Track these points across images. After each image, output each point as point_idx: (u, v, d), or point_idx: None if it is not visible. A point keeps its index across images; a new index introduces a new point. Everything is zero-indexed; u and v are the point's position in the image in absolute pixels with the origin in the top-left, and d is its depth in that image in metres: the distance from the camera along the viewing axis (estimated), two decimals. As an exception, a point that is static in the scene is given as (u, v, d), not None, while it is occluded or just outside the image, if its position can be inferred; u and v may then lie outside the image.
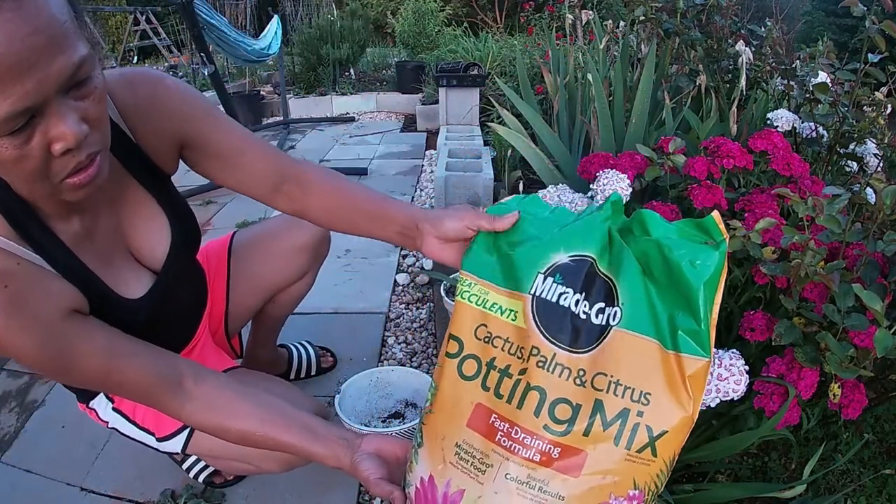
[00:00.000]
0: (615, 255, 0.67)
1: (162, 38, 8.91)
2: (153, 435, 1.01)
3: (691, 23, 1.75)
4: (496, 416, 0.64)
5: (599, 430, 0.61)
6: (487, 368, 0.66)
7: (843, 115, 1.35)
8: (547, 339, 0.65)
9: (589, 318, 0.65)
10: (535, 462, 0.61)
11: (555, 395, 0.63)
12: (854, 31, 7.98)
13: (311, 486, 1.22)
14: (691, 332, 0.62)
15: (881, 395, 1.07)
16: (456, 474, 0.65)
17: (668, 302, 0.64)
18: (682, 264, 0.63)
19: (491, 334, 0.67)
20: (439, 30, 5.86)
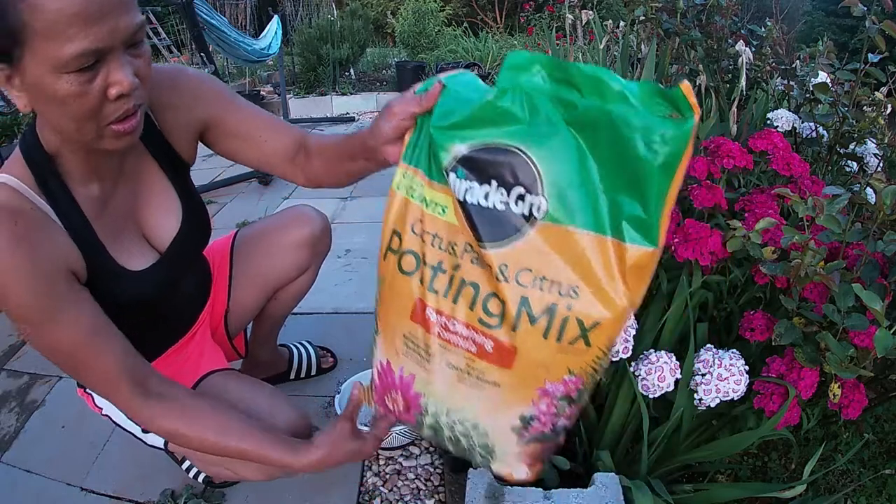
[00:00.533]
0: (539, 132, 0.57)
1: (162, 38, 8.91)
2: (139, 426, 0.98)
3: (691, 23, 1.75)
4: (433, 310, 0.65)
5: (527, 325, 0.60)
6: (423, 265, 0.65)
7: (843, 115, 1.35)
8: (472, 229, 0.61)
9: (508, 208, 0.59)
10: (471, 353, 0.64)
11: (487, 289, 0.62)
12: (854, 31, 7.98)
13: (311, 486, 1.22)
14: (637, 220, 0.55)
15: (881, 395, 1.07)
16: (406, 362, 0.70)
17: (612, 184, 0.56)
18: (637, 140, 0.54)
19: (425, 231, 0.65)
20: (439, 30, 5.86)
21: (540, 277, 0.59)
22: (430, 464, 1.28)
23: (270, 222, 1.26)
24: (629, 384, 1.00)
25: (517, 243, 0.59)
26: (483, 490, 0.85)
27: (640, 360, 0.95)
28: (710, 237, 1.00)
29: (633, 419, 1.03)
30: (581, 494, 0.84)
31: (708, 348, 0.96)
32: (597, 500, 0.83)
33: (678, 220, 1.08)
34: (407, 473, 1.26)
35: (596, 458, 0.97)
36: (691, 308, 1.01)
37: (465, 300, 0.63)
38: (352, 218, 2.61)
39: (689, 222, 1.03)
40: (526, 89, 0.58)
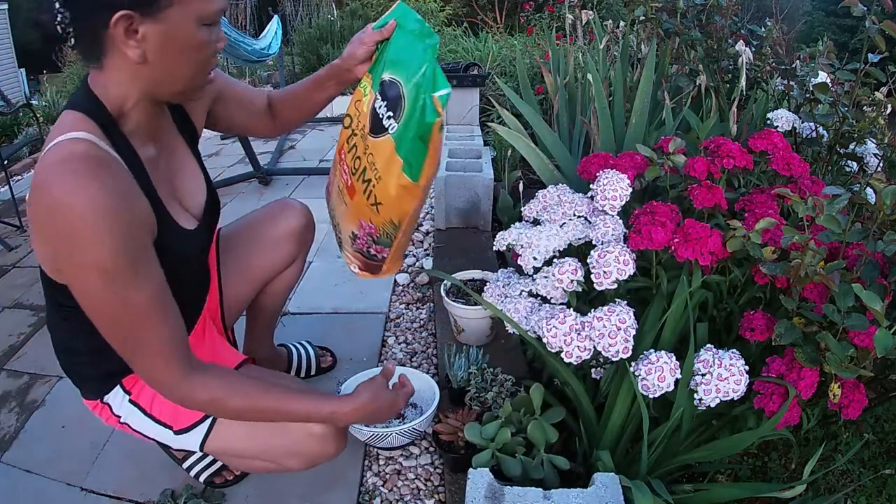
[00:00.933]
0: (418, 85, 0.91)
1: (162, 38, 8.90)
2: (170, 428, 1.00)
3: (691, 23, 1.75)
4: (343, 150, 1.07)
5: (359, 182, 1.01)
6: (351, 124, 1.04)
7: (843, 115, 1.35)
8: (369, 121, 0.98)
9: (381, 118, 0.95)
10: (343, 181, 1.07)
11: (357, 153, 1.01)
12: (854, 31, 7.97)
13: (311, 486, 1.22)
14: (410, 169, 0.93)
15: (881, 395, 1.07)
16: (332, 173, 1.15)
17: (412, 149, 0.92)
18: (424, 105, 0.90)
19: (357, 108, 1.02)
20: (439, 30, 5.86)
21: (373, 162, 0.97)
22: (430, 464, 1.28)
23: (255, 216, 1.28)
24: (629, 384, 1.00)
25: (375, 139, 0.96)
26: (483, 490, 0.85)
27: (640, 360, 0.95)
28: (710, 237, 1.00)
29: (633, 419, 1.03)
30: (581, 494, 0.84)
31: (708, 348, 0.96)
32: (597, 500, 0.83)
33: (678, 220, 1.08)
34: (407, 473, 1.26)
35: (596, 458, 0.97)
36: (691, 308, 1.01)
37: (352, 151, 1.03)
38: (352, 218, 2.61)
39: (689, 222, 1.03)
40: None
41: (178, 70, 0.80)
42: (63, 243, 0.72)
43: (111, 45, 0.75)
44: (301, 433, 0.98)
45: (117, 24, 0.72)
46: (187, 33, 0.76)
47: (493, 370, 1.28)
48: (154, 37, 0.75)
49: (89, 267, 0.72)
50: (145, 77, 0.79)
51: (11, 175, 3.86)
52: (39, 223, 0.75)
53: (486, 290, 1.25)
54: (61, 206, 0.70)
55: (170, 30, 0.75)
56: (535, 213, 1.29)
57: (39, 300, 2.14)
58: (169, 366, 0.81)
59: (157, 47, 0.76)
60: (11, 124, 4.66)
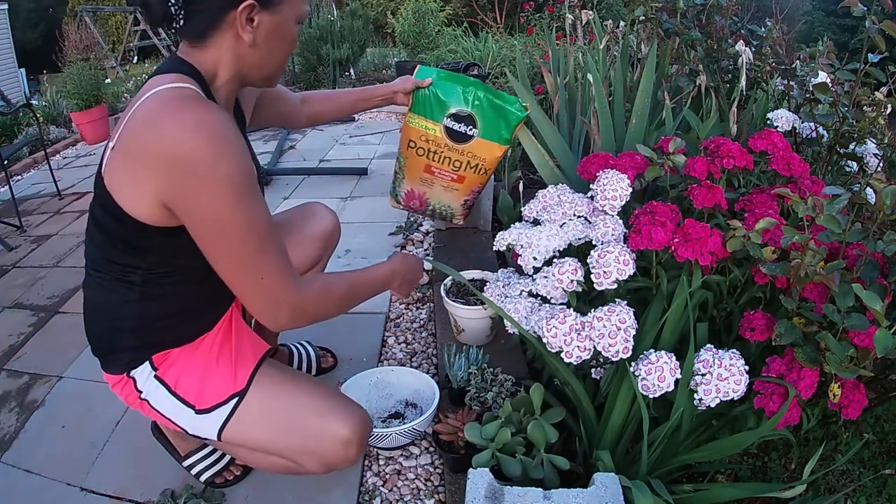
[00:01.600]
0: (476, 106, 1.48)
1: (162, 38, 8.90)
2: (192, 408, 1.00)
3: (691, 23, 1.75)
4: (434, 167, 1.58)
5: (468, 171, 1.57)
6: (428, 151, 1.55)
7: (843, 115, 1.35)
8: (448, 139, 1.51)
9: (465, 132, 1.50)
10: (450, 180, 1.60)
11: (455, 158, 1.55)
12: (854, 31, 7.98)
13: (310, 487, 1.22)
14: (503, 138, 1.52)
15: (881, 395, 1.07)
16: (421, 187, 1.64)
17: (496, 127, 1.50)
18: (508, 110, 1.49)
19: (427, 139, 1.53)
20: (439, 30, 5.86)
21: (474, 154, 1.54)
22: (430, 464, 1.28)
23: (285, 215, 1.32)
24: (629, 384, 1.00)
25: (465, 146, 1.52)
26: (483, 490, 0.85)
27: (640, 360, 0.95)
28: (710, 237, 1.00)
29: (633, 419, 1.03)
30: (581, 494, 0.84)
31: (708, 348, 0.96)
32: (597, 500, 0.83)
33: (678, 220, 1.08)
34: (407, 473, 1.26)
35: (596, 458, 0.97)
36: (691, 308, 1.01)
37: (446, 163, 1.56)
38: (352, 218, 2.61)
39: (689, 222, 1.03)
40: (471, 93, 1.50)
41: (273, 57, 0.93)
42: (191, 168, 0.77)
43: (226, 26, 0.86)
44: (326, 434, 0.99)
45: (243, 10, 0.84)
46: (289, 28, 0.92)
47: (493, 370, 1.28)
48: (265, 26, 0.88)
49: (222, 183, 0.78)
50: (246, 59, 0.91)
51: (11, 175, 3.86)
52: (159, 154, 0.78)
53: (486, 290, 1.25)
54: (198, 124, 0.77)
55: (278, 22, 0.89)
56: (535, 213, 1.29)
57: (39, 300, 2.14)
58: (287, 280, 0.89)
59: (265, 35, 0.89)
60: (11, 124, 4.66)
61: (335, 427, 0.99)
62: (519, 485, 0.87)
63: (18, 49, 10.14)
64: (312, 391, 1.05)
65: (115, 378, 1.03)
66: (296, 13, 0.92)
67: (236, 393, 1.00)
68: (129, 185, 0.84)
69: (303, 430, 1.00)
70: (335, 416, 1.00)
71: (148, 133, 0.79)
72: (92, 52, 7.15)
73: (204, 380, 1.00)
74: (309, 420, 1.00)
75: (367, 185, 3.08)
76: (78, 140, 4.69)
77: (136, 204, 0.84)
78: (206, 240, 0.84)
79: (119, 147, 0.84)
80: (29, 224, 2.98)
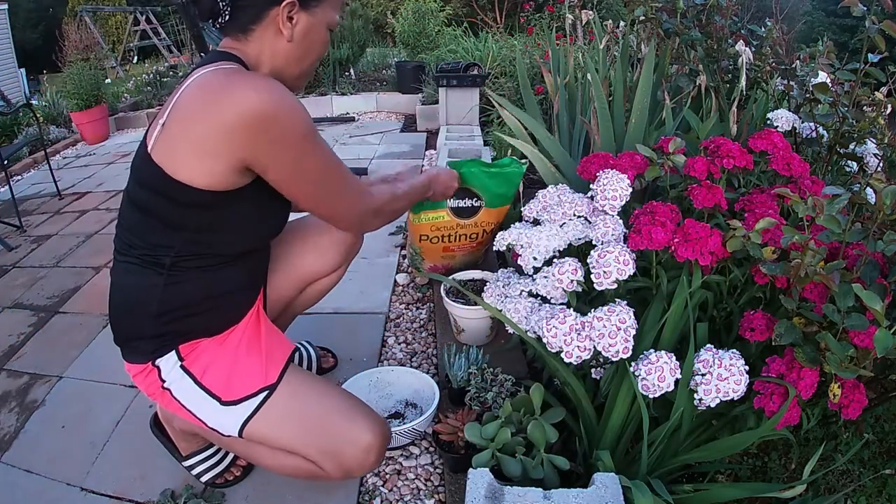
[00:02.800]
0: (476, 181, 1.51)
1: (162, 38, 8.91)
2: (218, 399, 0.99)
3: (691, 23, 1.75)
4: (452, 246, 1.65)
5: (485, 236, 1.64)
6: (441, 237, 1.61)
7: (843, 115, 1.35)
8: (457, 219, 1.57)
9: (472, 205, 1.56)
10: (470, 249, 1.67)
11: (468, 232, 1.60)
12: (854, 31, 7.96)
13: (310, 487, 1.22)
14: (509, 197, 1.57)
15: (881, 395, 1.07)
16: (443, 262, 1.72)
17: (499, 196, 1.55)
18: (507, 172, 1.52)
19: (439, 227, 1.59)
20: (439, 30, 5.85)
21: (487, 221, 1.60)
22: (430, 464, 1.28)
23: (308, 219, 1.30)
24: (629, 384, 1.00)
25: (475, 218, 1.58)
26: (483, 490, 0.85)
27: (640, 360, 0.95)
28: (710, 237, 1.00)
29: (633, 419, 1.03)
30: (581, 494, 0.84)
31: (708, 348, 0.96)
32: (597, 500, 0.83)
33: (678, 220, 1.08)
34: (407, 473, 1.26)
35: (596, 458, 0.97)
36: (691, 308, 1.01)
37: (463, 238, 1.62)
38: (352, 218, 2.61)
39: (689, 222, 1.03)
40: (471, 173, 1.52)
41: (306, 57, 1.00)
42: (274, 121, 0.85)
43: (268, 22, 0.94)
44: (350, 437, 1.00)
45: (286, 7, 0.93)
46: (321, 30, 1.00)
47: (493, 370, 1.28)
48: (302, 25, 0.96)
49: (300, 128, 0.89)
50: (283, 55, 0.98)
51: (11, 175, 3.86)
52: (235, 117, 0.84)
53: (486, 290, 1.25)
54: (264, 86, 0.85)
55: (313, 23, 0.98)
56: (535, 213, 1.29)
57: (39, 300, 2.14)
58: (364, 196, 1.06)
59: (301, 34, 0.97)
60: (11, 124, 4.66)
61: (361, 432, 1.00)
62: (519, 485, 0.87)
63: (18, 49, 10.15)
64: (341, 395, 1.07)
65: (137, 367, 1.02)
66: (328, 18, 1.00)
67: (267, 386, 1.01)
68: (195, 155, 0.87)
69: (329, 432, 1.00)
70: (362, 421, 1.01)
71: (215, 104, 0.85)
72: (92, 52, 7.14)
73: (232, 371, 1.01)
74: (337, 422, 1.01)
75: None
76: (78, 140, 4.70)
77: (206, 174, 0.88)
78: (295, 180, 0.94)
79: (175, 123, 0.88)
80: (29, 224, 2.98)
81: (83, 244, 2.65)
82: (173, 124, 0.88)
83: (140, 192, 0.94)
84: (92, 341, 1.83)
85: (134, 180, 0.95)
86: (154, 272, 0.95)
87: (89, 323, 1.94)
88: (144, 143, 0.93)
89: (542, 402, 1.06)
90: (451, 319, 1.54)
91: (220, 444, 1.18)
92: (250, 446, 1.09)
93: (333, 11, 1.01)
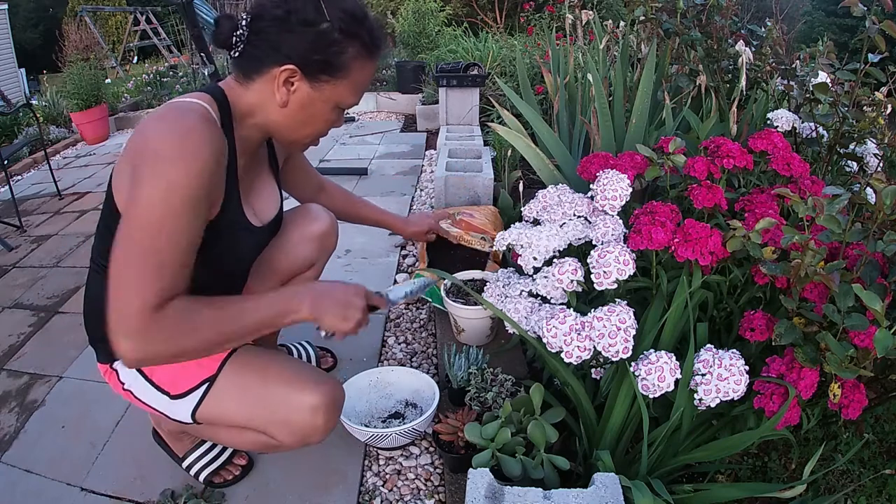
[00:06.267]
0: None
1: (162, 38, 8.90)
2: (167, 394, 1.03)
3: (691, 23, 1.75)
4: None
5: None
6: None
7: (843, 115, 1.35)
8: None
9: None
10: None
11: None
12: (854, 31, 7.97)
13: (311, 487, 1.22)
14: None
15: (881, 395, 1.07)
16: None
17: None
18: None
19: None
20: (439, 30, 5.85)
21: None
22: (430, 464, 1.28)
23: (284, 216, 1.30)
24: (629, 384, 1.00)
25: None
26: (483, 490, 0.85)
27: (640, 360, 0.95)
28: (710, 237, 1.00)
29: (633, 419, 1.03)
30: (581, 494, 0.84)
31: (708, 348, 0.96)
32: (597, 500, 0.83)
33: (678, 220, 1.08)
34: (407, 473, 1.26)
35: (596, 458, 0.97)
36: (691, 308, 1.01)
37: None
38: (352, 218, 2.61)
39: (689, 222, 1.03)
40: None
41: (301, 127, 0.95)
42: (150, 156, 0.79)
43: (268, 78, 0.89)
44: (293, 401, 0.99)
45: (284, 71, 0.87)
46: (325, 107, 0.93)
47: (493, 370, 1.28)
48: (301, 95, 0.90)
49: (165, 180, 0.77)
50: (275, 115, 0.93)
51: (11, 175, 3.86)
52: (133, 143, 0.83)
53: (486, 290, 1.25)
54: (177, 124, 0.80)
55: (315, 97, 0.91)
56: (535, 213, 1.29)
57: (39, 300, 2.14)
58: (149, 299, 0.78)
59: (299, 103, 0.91)
60: (11, 124, 4.65)
61: (302, 396, 0.98)
62: (519, 485, 0.87)
63: (18, 49, 10.14)
64: (283, 364, 1.04)
65: (103, 368, 1.08)
66: (338, 98, 0.92)
67: (207, 378, 1.02)
68: (118, 176, 0.89)
69: (271, 400, 1.00)
70: (303, 384, 1.00)
71: (137, 129, 0.84)
72: (92, 52, 7.14)
73: (175, 367, 1.02)
74: (277, 389, 1.00)
75: (367, 185, 3.08)
76: (78, 140, 4.69)
77: (120, 196, 0.88)
78: (122, 225, 0.80)
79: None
80: (29, 224, 2.98)
81: (83, 244, 2.65)
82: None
83: (105, 208, 0.95)
84: (92, 341, 1.83)
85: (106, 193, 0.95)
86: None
87: (89, 323, 1.94)
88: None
89: (542, 402, 1.06)
90: (451, 319, 1.54)
91: (194, 433, 1.20)
92: (212, 432, 1.12)
93: (349, 93, 0.92)
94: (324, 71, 0.88)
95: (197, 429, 1.12)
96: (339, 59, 0.88)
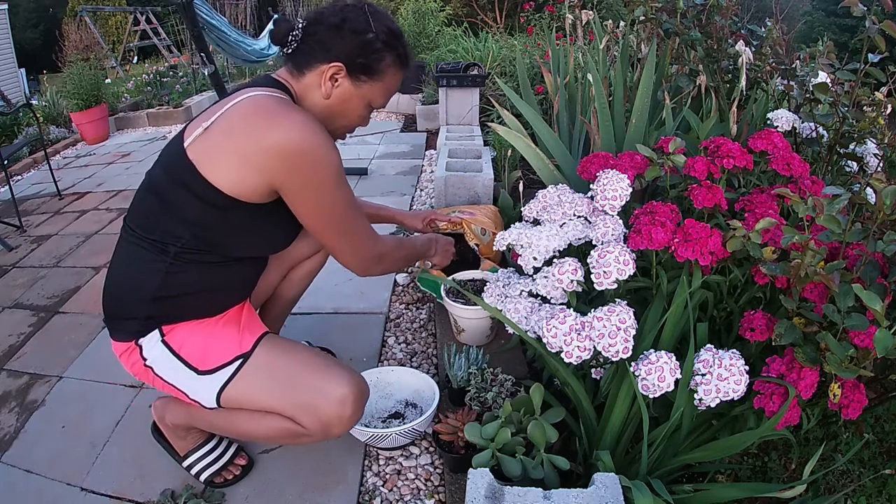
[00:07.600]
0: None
1: (162, 38, 8.90)
2: (195, 370, 1.04)
3: (691, 23, 1.75)
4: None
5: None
6: None
7: (843, 115, 1.35)
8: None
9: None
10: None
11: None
12: (854, 31, 7.98)
13: (311, 486, 1.22)
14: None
15: (881, 395, 1.07)
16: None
17: None
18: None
19: None
20: (439, 30, 5.85)
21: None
22: (430, 464, 1.28)
23: None
24: (629, 384, 1.00)
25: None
26: (483, 490, 0.85)
27: (640, 360, 0.95)
28: (710, 237, 1.00)
29: (633, 419, 1.03)
30: (581, 494, 0.84)
31: (708, 348, 0.96)
32: (597, 500, 0.83)
33: (678, 220, 1.08)
34: (407, 473, 1.26)
35: (596, 458, 0.97)
36: (691, 308, 1.01)
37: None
38: (352, 218, 2.61)
39: (689, 222, 1.03)
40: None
41: (337, 118, 1.08)
42: (306, 157, 0.94)
43: (317, 73, 1.03)
44: (323, 390, 1.04)
45: (332, 67, 1.01)
46: (360, 104, 1.07)
47: (493, 370, 1.28)
48: (343, 90, 1.04)
49: (328, 168, 0.97)
50: (318, 106, 1.06)
51: (11, 175, 3.86)
52: (274, 146, 0.93)
53: (486, 291, 1.25)
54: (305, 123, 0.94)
55: (354, 93, 1.05)
56: (535, 213, 1.29)
57: (39, 300, 2.14)
58: (370, 240, 1.12)
59: (339, 97, 1.05)
60: (11, 124, 4.65)
61: (333, 385, 1.04)
62: (519, 485, 0.87)
63: (18, 49, 10.15)
64: (316, 355, 1.11)
65: (122, 346, 1.07)
66: (371, 97, 1.07)
67: (242, 354, 1.06)
68: (233, 166, 0.95)
69: (302, 385, 1.05)
70: (333, 375, 1.05)
71: (263, 125, 0.94)
72: (92, 52, 7.15)
73: (208, 343, 1.06)
74: (310, 377, 1.05)
75: (367, 185, 3.08)
76: (78, 140, 4.69)
77: (235, 182, 0.96)
78: (312, 212, 1.01)
79: (220, 130, 0.96)
80: (29, 224, 2.98)
81: (83, 244, 2.65)
82: (218, 130, 0.97)
83: (164, 182, 1.00)
84: (92, 341, 1.83)
85: (162, 169, 1.02)
86: (159, 258, 1.00)
87: (89, 323, 1.94)
88: (181, 139, 1.00)
89: (542, 402, 1.06)
90: (451, 319, 1.54)
91: (204, 427, 1.19)
92: (231, 418, 1.12)
93: (380, 95, 1.07)
94: (364, 72, 1.03)
95: (211, 417, 1.13)
96: (378, 64, 1.04)
